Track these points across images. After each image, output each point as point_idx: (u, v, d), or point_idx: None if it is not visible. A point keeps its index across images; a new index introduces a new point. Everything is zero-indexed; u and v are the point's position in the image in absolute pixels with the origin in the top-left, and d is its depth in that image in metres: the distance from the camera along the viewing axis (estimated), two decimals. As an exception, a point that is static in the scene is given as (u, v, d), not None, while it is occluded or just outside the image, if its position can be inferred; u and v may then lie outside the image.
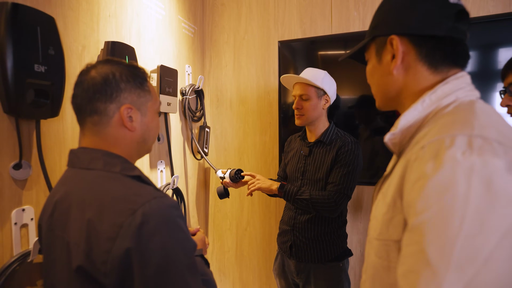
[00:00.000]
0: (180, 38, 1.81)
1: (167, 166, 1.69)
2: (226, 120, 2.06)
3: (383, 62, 0.61)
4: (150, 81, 0.74)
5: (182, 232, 0.59)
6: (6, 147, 0.90)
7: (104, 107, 0.65)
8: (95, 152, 0.66)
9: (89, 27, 1.17)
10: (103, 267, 0.54)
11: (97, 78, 0.65)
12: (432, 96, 0.55)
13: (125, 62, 0.71)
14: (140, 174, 0.66)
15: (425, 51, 0.57)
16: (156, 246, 0.55)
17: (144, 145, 0.73)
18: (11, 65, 0.83)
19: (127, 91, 0.67)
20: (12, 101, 0.85)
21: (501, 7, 1.42)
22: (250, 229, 2.03)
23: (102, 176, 0.63)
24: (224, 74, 2.05)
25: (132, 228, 0.54)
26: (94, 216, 0.57)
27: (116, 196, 0.59)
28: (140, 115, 0.69)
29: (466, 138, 0.44)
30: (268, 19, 1.91)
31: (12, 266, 0.88)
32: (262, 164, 1.98)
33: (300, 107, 1.36)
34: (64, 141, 1.07)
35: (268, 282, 1.99)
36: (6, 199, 0.90)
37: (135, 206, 0.56)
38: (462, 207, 0.40)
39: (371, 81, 0.67)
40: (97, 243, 0.55)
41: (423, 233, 0.42)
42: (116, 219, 0.55)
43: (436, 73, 0.57)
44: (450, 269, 0.40)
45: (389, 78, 0.61)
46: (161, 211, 0.57)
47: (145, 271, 0.54)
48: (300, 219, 1.39)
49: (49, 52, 0.92)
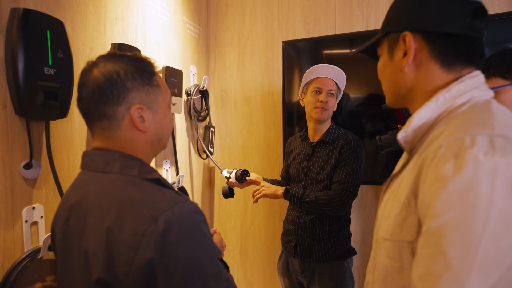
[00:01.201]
0: (185, 39, 1.83)
1: (172, 165, 1.71)
2: (231, 120, 2.08)
3: (394, 58, 0.60)
4: (157, 73, 0.69)
5: (207, 238, 0.57)
6: (17, 148, 0.93)
7: (112, 111, 0.61)
8: (111, 154, 0.62)
9: (96, 30, 1.19)
10: (125, 279, 0.51)
11: (100, 79, 0.60)
12: (447, 95, 0.54)
13: (129, 55, 0.65)
14: (159, 177, 0.63)
15: (438, 48, 0.56)
16: (180, 255, 0.52)
17: (159, 144, 0.69)
18: (22, 68, 0.85)
19: (135, 90, 0.62)
20: (23, 103, 0.88)
21: (506, 5, 1.41)
22: (255, 228, 2.05)
23: (120, 180, 0.59)
24: (228, 74, 2.06)
25: (154, 237, 0.51)
26: (114, 224, 0.54)
27: (136, 201, 0.55)
28: (152, 114, 0.64)
29: (487, 138, 0.43)
30: (272, 20, 1.92)
31: (23, 262, 0.91)
32: (266, 163, 2.00)
33: (328, 101, 1.36)
34: (72, 141, 1.10)
35: (272, 280, 2.01)
36: (17, 198, 0.93)
37: (156, 213, 0.53)
38: (486, 208, 0.39)
39: (382, 77, 0.66)
40: (118, 253, 0.52)
41: (443, 235, 0.41)
42: (138, 227, 0.52)
43: (449, 71, 0.56)
44: (473, 273, 0.38)
45: (400, 75, 0.60)
46: (184, 218, 0.54)
47: (170, 281, 0.51)
48: (305, 219, 1.40)
49: (58, 55, 0.95)
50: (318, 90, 1.37)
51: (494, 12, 1.42)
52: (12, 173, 0.92)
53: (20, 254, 0.94)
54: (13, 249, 0.93)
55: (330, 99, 1.36)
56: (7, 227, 0.91)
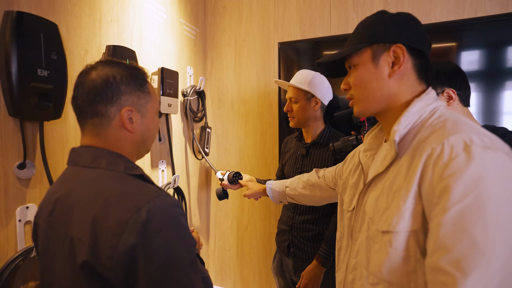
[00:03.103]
0: (182, 40, 1.84)
1: (168, 165, 1.72)
2: (227, 121, 2.09)
3: (380, 67, 0.66)
4: (150, 82, 0.75)
5: (185, 229, 0.62)
6: (11, 148, 0.94)
7: (105, 110, 0.66)
8: (98, 151, 0.67)
9: (91, 32, 1.21)
10: (109, 262, 0.56)
11: (98, 80, 0.66)
12: (419, 104, 0.63)
13: (126, 63, 0.72)
14: (143, 173, 0.68)
15: (418, 62, 0.66)
16: (160, 242, 0.56)
17: (144, 146, 0.75)
18: (15, 70, 0.87)
19: (128, 94, 0.68)
20: (16, 104, 0.89)
21: (498, 7, 1.41)
22: (251, 228, 2.06)
23: (106, 175, 0.64)
24: (225, 75, 2.08)
25: (137, 225, 0.56)
26: (99, 213, 0.58)
27: (121, 193, 0.60)
28: (140, 117, 0.70)
29: (478, 136, 0.52)
30: (268, 21, 1.93)
31: (16, 261, 0.93)
32: (262, 164, 2.01)
33: (290, 109, 1.41)
34: (66, 142, 1.12)
35: (268, 280, 2.02)
36: (11, 197, 0.95)
37: (140, 204, 0.58)
38: (497, 191, 0.48)
39: (361, 86, 0.69)
40: (103, 239, 0.57)
41: (465, 217, 0.47)
42: (122, 216, 0.57)
43: (420, 83, 0.67)
44: (496, 245, 0.46)
45: (383, 83, 0.66)
46: (165, 209, 0.59)
47: (150, 266, 0.55)
48: (298, 219, 1.41)
49: (52, 57, 0.96)
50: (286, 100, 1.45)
51: (487, 14, 1.43)
52: (5, 173, 0.93)
53: (14, 253, 0.95)
54: (7, 248, 0.94)
55: (294, 106, 1.40)
56: (1, 226, 0.92)
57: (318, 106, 1.40)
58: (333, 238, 1.30)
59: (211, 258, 2.20)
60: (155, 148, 1.63)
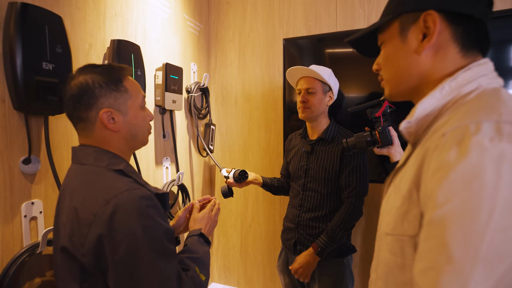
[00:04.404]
0: (186, 36, 1.83)
1: (173, 162, 1.71)
2: (231, 118, 2.07)
3: (408, 42, 0.55)
4: (128, 78, 0.76)
5: (151, 219, 0.65)
6: (16, 143, 0.93)
7: (85, 115, 0.71)
8: (87, 149, 0.74)
9: (95, 26, 1.19)
10: (82, 249, 0.63)
11: (74, 89, 0.71)
12: (452, 83, 0.51)
13: (102, 65, 0.75)
14: (124, 168, 0.72)
15: (461, 31, 0.51)
16: (124, 232, 0.62)
17: (135, 140, 0.78)
18: (20, 63, 0.86)
19: (103, 96, 0.71)
20: (21, 98, 0.88)
21: (509, 2, 1.39)
22: (255, 226, 2.05)
23: (90, 170, 0.71)
24: (229, 72, 2.06)
25: (104, 217, 0.62)
26: (78, 205, 0.66)
27: (97, 188, 0.67)
28: (122, 115, 0.74)
29: (493, 124, 0.40)
30: (273, 17, 1.92)
31: (22, 257, 0.91)
32: (266, 161, 1.99)
33: (306, 100, 1.36)
34: (71, 137, 1.10)
35: (272, 278, 2.00)
36: (16, 193, 0.93)
37: (108, 197, 0.64)
38: (492, 197, 0.37)
39: (388, 65, 0.59)
40: (78, 228, 0.64)
41: (445, 226, 0.38)
42: (93, 208, 0.64)
43: (465, 57, 0.53)
44: (477, 266, 0.36)
45: (413, 60, 0.54)
46: (131, 201, 0.64)
47: (116, 254, 0.61)
48: (305, 216, 1.39)
49: (56, 50, 0.95)
50: (299, 91, 1.39)
51: (497, 9, 1.41)
52: (10, 168, 0.92)
53: (19, 249, 0.94)
54: (12, 243, 0.93)
55: (310, 97, 1.36)
56: (6, 222, 0.91)
57: (331, 102, 1.40)
58: (334, 231, 1.29)
59: (215, 256, 2.18)
60: (160, 145, 1.62)
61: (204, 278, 0.76)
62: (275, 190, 1.59)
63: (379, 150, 1.15)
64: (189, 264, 0.75)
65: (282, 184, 1.59)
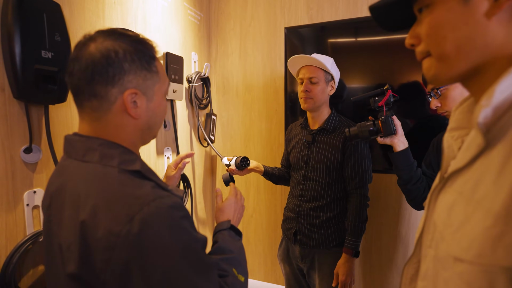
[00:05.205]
0: (186, 25, 1.81)
1: (174, 152, 1.71)
2: (232, 108, 2.07)
3: (471, 3, 0.40)
4: (158, 58, 0.66)
5: (187, 234, 0.54)
6: (16, 132, 0.93)
7: (104, 91, 0.57)
8: (90, 142, 0.59)
9: (95, 14, 1.18)
10: (102, 275, 0.51)
11: (96, 55, 0.56)
12: None
13: (131, 35, 0.61)
14: (141, 168, 0.58)
15: None
16: (158, 254, 0.50)
17: (150, 132, 0.66)
18: (19, 51, 0.85)
19: (132, 73, 0.58)
20: (20, 87, 0.87)
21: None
22: (256, 216, 2.06)
23: (97, 172, 0.56)
24: (230, 62, 2.04)
25: (130, 238, 0.49)
26: (89, 219, 0.52)
27: (112, 197, 0.53)
28: (146, 100, 0.61)
29: None
30: (274, 5, 1.88)
31: (25, 245, 0.92)
32: (268, 151, 1.99)
33: (309, 90, 1.34)
34: (72, 126, 1.10)
35: (273, 268, 2.03)
36: (18, 182, 0.94)
37: (132, 212, 0.51)
38: None
39: (439, 34, 0.44)
40: (94, 251, 0.51)
41: None
42: (113, 226, 0.50)
43: None
44: None
45: (480, 27, 0.40)
46: (161, 215, 0.52)
47: (150, 280, 0.50)
48: (305, 206, 1.40)
49: (55, 38, 0.94)
50: (301, 80, 1.37)
51: None
52: (12, 157, 0.92)
53: (23, 237, 0.95)
54: (15, 232, 0.94)
55: (313, 87, 1.34)
56: (9, 211, 0.92)
57: (333, 92, 1.39)
58: (356, 227, 1.30)
59: (217, 245, 2.21)
60: (161, 134, 1.62)
61: (243, 278, 0.69)
62: (276, 179, 1.60)
63: (382, 139, 1.14)
64: (226, 268, 0.66)
65: (282, 174, 1.60)
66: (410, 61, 1.51)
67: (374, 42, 1.60)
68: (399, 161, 1.11)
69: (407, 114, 1.56)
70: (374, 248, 1.74)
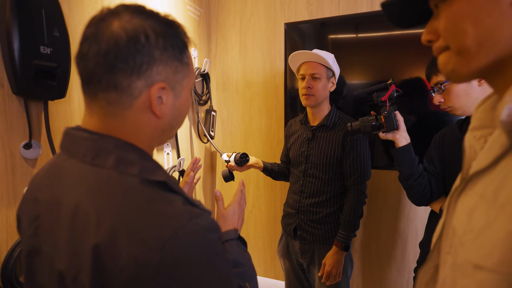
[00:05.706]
0: (186, 21, 1.80)
1: (174, 148, 1.72)
2: (232, 104, 2.07)
3: None
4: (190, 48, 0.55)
5: (222, 259, 0.47)
6: (16, 127, 0.93)
7: (127, 83, 0.45)
8: (104, 141, 0.47)
9: (93, 9, 1.17)
10: None
11: (122, 36, 0.44)
12: None
13: (162, 16, 0.49)
14: (166, 178, 0.47)
15: None
16: (193, 284, 0.42)
17: (170, 132, 0.55)
18: (17, 46, 0.85)
19: (163, 64, 0.47)
20: (19, 82, 0.87)
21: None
22: (256, 212, 2.07)
23: (114, 182, 0.44)
24: (230, 58, 2.04)
25: (162, 270, 0.40)
26: (105, 244, 0.41)
27: (136, 216, 0.42)
28: (173, 96, 0.50)
29: None
30: (274, 1, 1.88)
31: (26, 240, 0.92)
32: (267, 148, 2.00)
33: (311, 86, 1.33)
34: (71, 122, 1.10)
35: (273, 263, 2.04)
36: (18, 177, 0.94)
37: (164, 236, 0.41)
38: None
39: (460, 27, 0.40)
40: (113, 283, 0.41)
41: None
42: (140, 254, 0.40)
43: None
44: None
45: (503, 20, 0.37)
46: (198, 240, 0.43)
47: None
48: (305, 202, 1.40)
49: (54, 34, 0.93)
50: (302, 76, 1.36)
51: None
52: (12, 152, 0.92)
53: (23, 232, 0.95)
54: (16, 227, 0.94)
55: (315, 83, 1.33)
56: (9, 206, 0.93)
57: (333, 88, 1.38)
58: (349, 222, 1.30)
59: (217, 241, 2.22)
60: (160, 131, 1.62)
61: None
62: (276, 175, 1.60)
63: (384, 135, 1.13)
64: (241, 284, 0.60)
65: (282, 169, 1.60)
66: (411, 57, 1.50)
67: (375, 38, 1.59)
68: (401, 157, 1.11)
69: (409, 110, 1.56)
70: (373, 244, 1.75)
